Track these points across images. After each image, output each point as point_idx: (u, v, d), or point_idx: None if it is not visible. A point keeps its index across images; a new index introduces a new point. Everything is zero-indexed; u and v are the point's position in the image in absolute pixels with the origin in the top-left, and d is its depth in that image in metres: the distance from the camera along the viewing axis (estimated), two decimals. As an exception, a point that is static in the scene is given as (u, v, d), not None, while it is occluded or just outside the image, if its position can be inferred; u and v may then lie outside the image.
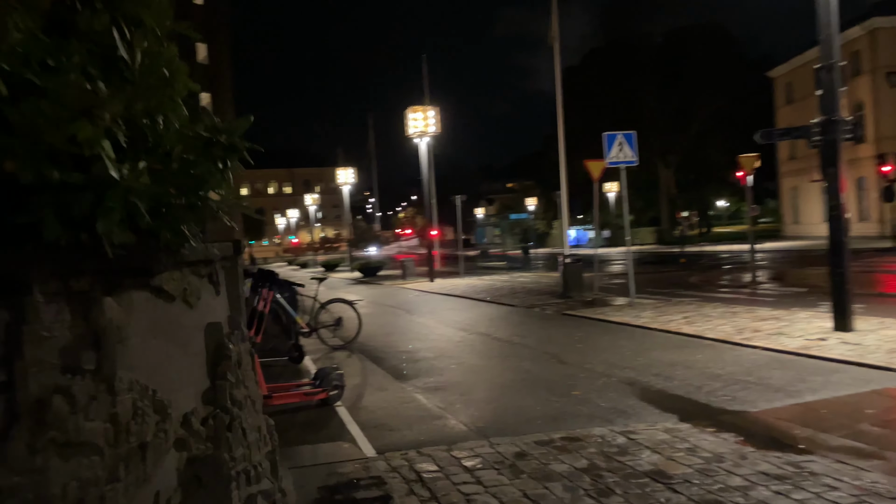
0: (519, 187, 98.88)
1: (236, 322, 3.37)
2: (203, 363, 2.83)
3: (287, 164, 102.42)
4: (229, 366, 2.93)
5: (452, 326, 11.63)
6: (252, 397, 3.28)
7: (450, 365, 7.92)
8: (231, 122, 2.62)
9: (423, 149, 23.26)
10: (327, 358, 8.86)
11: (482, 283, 21.27)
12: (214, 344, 2.91)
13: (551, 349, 8.69)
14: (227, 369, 2.91)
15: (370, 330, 11.63)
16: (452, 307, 15.16)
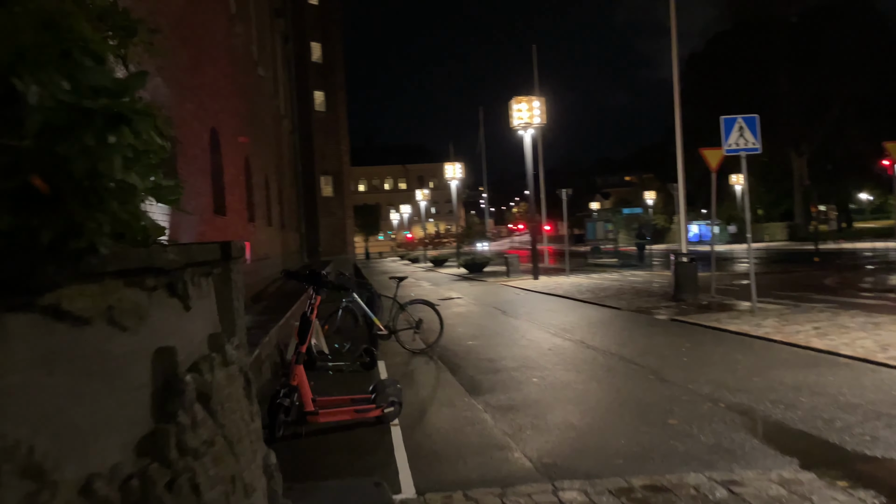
0: (637, 181, 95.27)
1: (220, 343, 2.78)
2: (146, 401, 2.25)
3: (401, 161, 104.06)
4: (182, 403, 2.33)
5: (545, 331, 10.75)
6: (230, 438, 2.67)
7: (531, 378, 7.09)
8: (120, 80, 1.97)
9: (527, 141, 22.31)
10: (402, 364, 8.27)
11: (588, 282, 20.10)
12: (164, 375, 2.32)
13: (651, 362, 7.64)
14: (177, 408, 2.32)
15: (457, 332, 10.97)
16: (551, 308, 14.22)
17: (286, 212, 30.74)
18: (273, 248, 24.41)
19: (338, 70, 41.82)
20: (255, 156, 21.39)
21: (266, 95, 25.64)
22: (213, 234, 13.89)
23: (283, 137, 32.00)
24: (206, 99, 13.98)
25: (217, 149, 15.44)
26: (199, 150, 13.07)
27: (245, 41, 20.42)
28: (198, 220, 12.52)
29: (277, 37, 32.67)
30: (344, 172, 41.70)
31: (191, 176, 12.18)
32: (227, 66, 16.96)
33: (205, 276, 2.80)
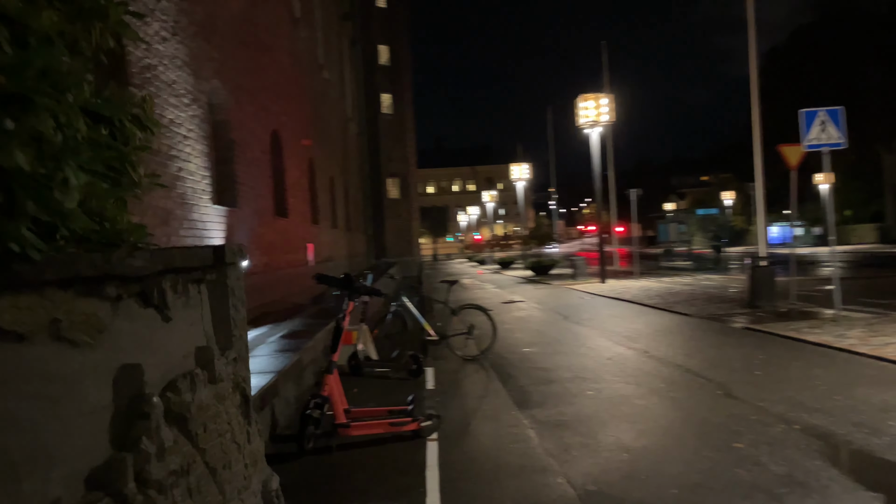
0: (714, 180, 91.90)
1: (208, 357, 2.52)
2: (105, 426, 2.00)
3: (470, 162, 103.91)
4: (146, 428, 2.07)
5: (607, 338, 10.20)
6: (213, 464, 2.40)
7: (586, 391, 6.63)
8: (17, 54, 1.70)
9: (595, 140, 21.61)
10: (452, 371, 7.93)
11: (658, 287, 19.25)
12: (128, 396, 2.07)
13: (720, 376, 7.04)
14: (141, 433, 2.06)
15: (514, 338, 10.56)
16: (616, 314, 13.60)
17: (352, 214, 30.98)
18: (338, 249, 24.57)
19: (405, 72, 41.98)
20: (320, 158, 21.56)
21: (332, 98, 25.86)
22: (273, 237, 13.96)
23: (350, 140, 32.28)
24: (267, 102, 14.08)
25: (279, 151, 15.56)
26: (259, 153, 13.14)
27: (310, 44, 20.59)
28: (257, 222, 12.58)
29: (345, 40, 32.99)
30: (410, 174, 41.80)
31: (250, 178, 12.25)
32: (290, 69, 17.08)
33: (194, 284, 2.54)
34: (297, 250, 16.23)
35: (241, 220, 11.36)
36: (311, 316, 10.16)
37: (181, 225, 8.51)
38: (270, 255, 13.48)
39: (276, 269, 13.80)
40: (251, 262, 11.86)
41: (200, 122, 9.52)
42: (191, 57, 9.20)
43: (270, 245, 13.51)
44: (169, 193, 8.15)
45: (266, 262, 13.03)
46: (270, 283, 12.81)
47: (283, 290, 13.85)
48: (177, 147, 8.48)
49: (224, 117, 11.17)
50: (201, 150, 9.50)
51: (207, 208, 9.67)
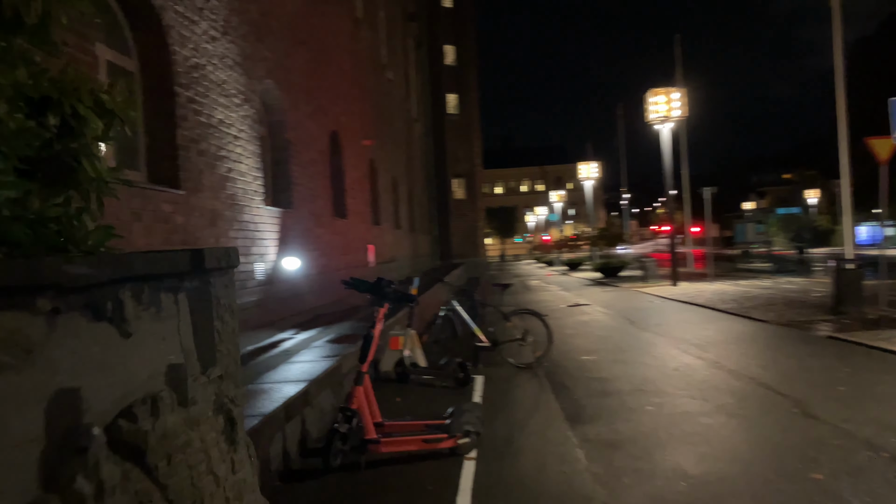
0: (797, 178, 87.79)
1: (180, 377, 2.22)
2: (32, 462, 1.72)
3: (539, 162, 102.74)
4: (83, 464, 1.78)
5: (675, 346, 9.56)
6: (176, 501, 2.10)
7: (645, 406, 6.09)
8: None
9: (665, 136, 20.67)
10: (503, 380, 7.51)
11: (733, 290, 18.21)
12: (63, 427, 1.78)
13: (798, 392, 6.37)
14: (75, 471, 1.77)
15: (573, 345, 10.05)
16: (687, 319, 12.83)
17: (416, 215, 30.88)
18: (400, 250, 24.46)
19: (471, 72, 41.65)
20: (382, 158, 21.47)
21: (395, 99, 25.79)
22: (331, 238, 13.86)
23: (415, 140, 32.20)
24: (325, 102, 14.00)
25: (338, 151, 15.48)
26: (317, 153, 13.06)
27: (372, 45, 20.54)
28: (313, 223, 12.48)
29: (410, 41, 32.95)
30: (476, 175, 41.43)
31: (306, 179, 12.17)
32: (351, 70, 17.01)
33: (168, 293, 2.25)
34: (356, 251, 16.13)
35: (296, 222, 11.27)
36: (364, 318, 9.93)
37: (230, 226, 8.42)
38: (328, 257, 13.38)
39: (334, 270, 13.71)
40: (306, 263, 11.77)
41: (252, 122, 9.44)
42: (242, 57, 9.12)
43: (328, 246, 13.41)
44: (217, 195, 8.06)
45: (324, 264, 12.93)
46: (328, 285, 12.70)
47: (342, 291, 13.74)
48: (226, 148, 8.40)
49: (279, 118, 11.10)
50: (253, 151, 9.41)
51: (260, 210, 9.58)
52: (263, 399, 4.61)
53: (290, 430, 4.55)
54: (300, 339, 8.10)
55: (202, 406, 2.30)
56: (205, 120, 7.80)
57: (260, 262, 9.50)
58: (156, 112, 7.11)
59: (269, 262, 9.90)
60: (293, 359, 6.52)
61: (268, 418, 4.14)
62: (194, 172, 7.47)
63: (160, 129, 7.11)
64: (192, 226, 7.32)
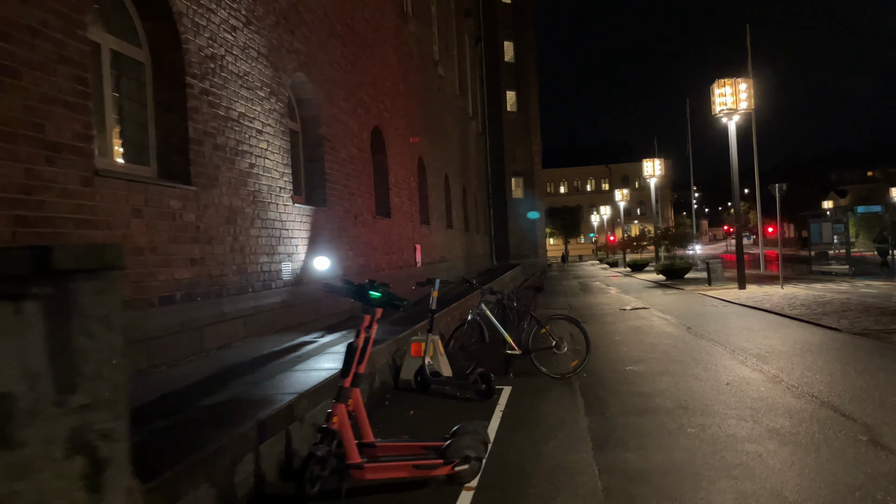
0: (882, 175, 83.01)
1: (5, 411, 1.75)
2: None
3: (605, 161, 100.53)
4: None
5: (732, 356, 8.69)
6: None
7: (686, 427, 5.36)
8: None
9: (732, 130, 19.43)
10: (533, 392, 6.86)
11: (805, 294, 16.89)
12: None
13: (868, 414, 5.51)
14: None
15: (619, 353, 9.31)
16: (750, 326, 11.83)
17: (471, 214, 30.31)
18: (452, 250, 23.95)
19: (530, 68, 40.81)
20: (433, 156, 21.01)
21: (448, 96, 25.29)
22: (371, 237, 13.48)
23: (470, 139, 31.63)
24: (366, 98, 13.62)
25: (381, 149, 15.09)
26: (356, 150, 12.68)
27: (422, 40, 20.10)
28: (351, 222, 12.10)
29: (467, 37, 32.41)
30: (535, 173, 40.55)
31: (343, 176, 11.80)
32: (397, 65, 16.60)
33: (6, 302, 1.78)
34: (400, 251, 15.70)
35: (329, 220, 10.90)
36: (396, 322, 9.45)
37: (251, 224, 8.07)
38: (368, 257, 12.99)
39: (374, 270, 13.31)
40: (342, 263, 11.40)
41: (280, 116, 9.10)
42: (269, 48, 8.78)
43: (368, 246, 13.02)
44: (237, 191, 7.73)
45: (362, 264, 12.55)
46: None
47: (381, 292, 13.34)
48: (248, 142, 8.06)
49: (312, 113, 10.75)
50: (280, 146, 9.07)
51: (287, 207, 9.23)
52: (237, 415, 4.16)
53: (268, 451, 4.08)
54: (321, 343, 7.68)
55: (41, 447, 1.82)
56: (222, 113, 7.46)
57: (287, 261, 9.15)
58: (166, 104, 6.80)
59: (298, 261, 9.54)
60: (300, 366, 6.09)
61: (233, 439, 3.67)
62: (209, 167, 7.13)
63: (171, 121, 6.80)
64: (206, 223, 6.99)
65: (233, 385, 5.25)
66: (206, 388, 5.18)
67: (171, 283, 6.28)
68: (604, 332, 12.03)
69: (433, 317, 6.99)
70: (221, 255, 7.29)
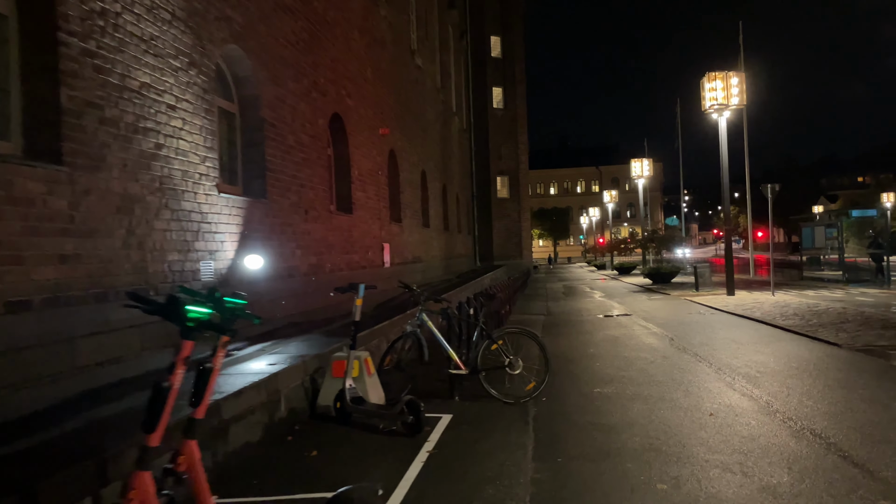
0: (873, 181, 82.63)
1: None
2: None
3: (595, 163, 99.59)
4: None
5: (718, 377, 7.55)
6: None
7: (654, 481, 4.17)
8: None
9: (723, 127, 18.30)
10: (475, 422, 5.66)
11: (798, 303, 15.79)
12: None
13: (886, 466, 4.35)
14: None
15: (591, 369, 8.14)
16: (739, 337, 10.69)
17: (452, 213, 29.11)
18: (429, 250, 22.73)
19: (518, 65, 39.65)
20: (408, 150, 19.81)
21: (428, 88, 24.08)
22: (327, 234, 12.27)
23: (453, 135, 30.43)
24: (323, 81, 12.41)
25: (343, 138, 13.88)
26: (309, 137, 11.46)
27: (396, 26, 18.88)
28: (300, 218, 10.88)
29: (451, 30, 31.21)
30: (521, 172, 39.39)
31: (290, 166, 10.59)
32: (365, 50, 15.38)
33: None
34: (364, 250, 14.49)
35: (271, 214, 9.68)
36: (340, 331, 8.24)
37: (157, 215, 6.84)
38: (322, 256, 11.77)
39: (330, 271, 12.09)
40: (287, 263, 10.18)
41: (203, 91, 7.87)
42: (188, 12, 7.55)
43: (322, 243, 11.80)
44: (135, 175, 6.50)
45: (314, 264, 11.33)
46: (318, 288, 11.09)
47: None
48: (154, 118, 6.83)
49: (252, 92, 9.53)
50: (203, 126, 7.85)
51: (211, 197, 8.01)
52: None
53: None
54: (240, 356, 6.45)
55: None
56: (115, 81, 6.23)
57: (209, 260, 7.92)
58: (35, 66, 5.58)
59: (225, 260, 8.32)
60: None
61: None
62: (92, 145, 5.90)
63: (40, 87, 5.58)
64: (85, 213, 5.76)
65: (88, 413, 4.04)
66: (45, 418, 3.98)
67: (24, 285, 5.06)
68: (578, 342, 10.87)
69: (356, 331, 5.76)
70: (109, 251, 6.06)
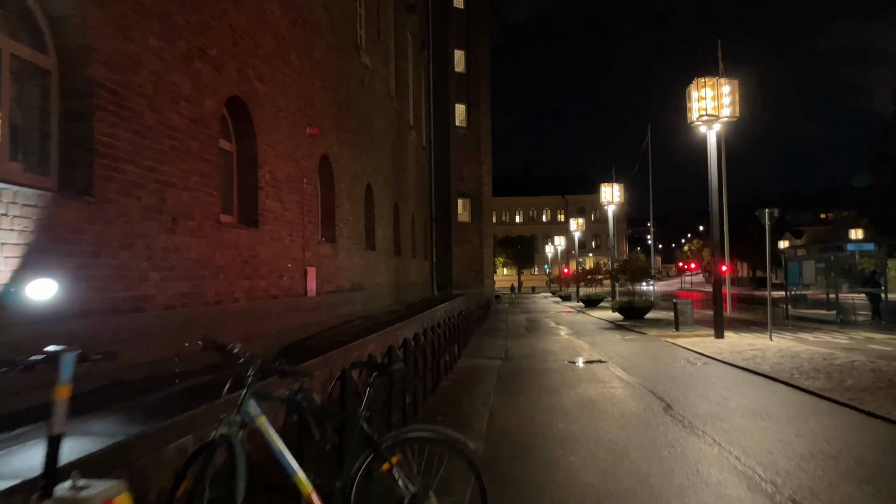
0: (837, 217, 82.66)
1: None
2: None
3: (561, 191, 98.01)
4: None
5: (737, 475, 4.68)
6: None
7: None
8: None
9: (712, 142, 15.82)
10: None
11: (805, 351, 13.15)
12: None
13: None
14: None
15: (558, 471, 5.21)
16: (760, 407, 7.90)
17: (407, 235, 26.21)
18: (374, 277, 19.71)
19: (482, 81, 37.22)
20: (347, 159, 16.90)
21: (379, 94, 21.28)
22: (212, 252, 9.20)
23: (409, 150, 27.63)
24: (217, 52, 9.47)
25: (248, 130, 10.94)
26: (184, 120, 8.43)
27: (336, 12, 16.09)
28: (158, 228, 7.81)
29: (409, 36, 28.62)
30: (484, 195, 36.72)
31: (149, 155, 7.57)
32: (287, 28, 12.50)
33: None
34: (276, 275, 11.42)
35: (101, 220, 6.61)
36: (177, 394, 5.19)
37: None
38: (200, 282, 8.69)
39: (216, 302, 9.02)
40: (138, 290, 7.10)
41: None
42: None
43: (201, 265, 8.71)
44: None
45: (185, 292, 8.24)
46: (190, 325, 8.02)
47: (223, 332, 9.05)
48: None
49: (79, 41, 6.53)
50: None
51: None
52: None
53: None
54: None
55: None
56: None
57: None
58: None
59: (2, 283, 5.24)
60: None
61: None
62: None
63: None
64: None
65: None
66: None
67: None
68: (542, 408, 7.98)
69: (54, 447, 2.71)
70: None
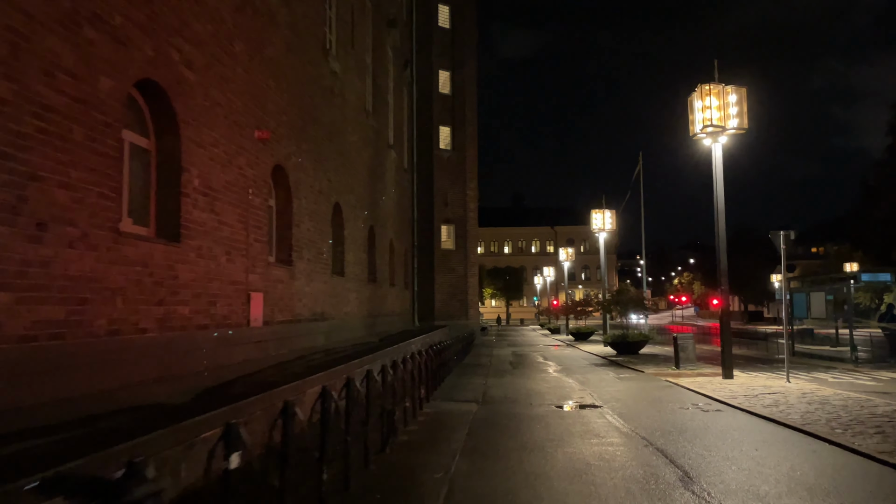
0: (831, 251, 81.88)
1: None
2: None
3: (550, 222, 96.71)
4: None
5: None
6: None
7: None
8: None
9: (717, 155, 14.13)
10: None
11: (834, 396, 11.25)
12: None
13: None
14: None
15: None
16: (810, 480, 6.00)
17: (385, 261, 24.30)
18: (341, 305, 17.73)
19: (468, 104, 35.73)
20: (310, 173, 15.08)
21: (352, 106, 19.57)
22: (104, 269, 7.18)
23: (387, 171, 25.86)
24: (121, 20, 7.62)
25: (171, 124, 9.12)
26: (64, 99, 6.63)
27: (296, 8, 14.44)
28: (16, 234, 5.93)
29: (390, 52, 27.07)
30: (469, 222, 34.94)
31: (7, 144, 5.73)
32: (231, 13, 10.75)
33: None
34: (207, 301, 9.46)
35: None
36: None
37: None
38: (83, 308, 6.72)
39: (108, 333, 7.05)
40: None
41: None
42: None
43: (85, 285, 6.74)
44: None
45: (56, 320, 6.27)
46: (62, 360, 6.08)
47: (120, 372, 7.06)
48: None
49: None
50: None
51: None
52: None
53: None
54: None
55: None
56: None
57: None
58: None
59: None
60: None
61: None
62: None
63: None
64: None
65: None
66: None
67: None
68: (521, 476, 6.02)
69: None
70: None
